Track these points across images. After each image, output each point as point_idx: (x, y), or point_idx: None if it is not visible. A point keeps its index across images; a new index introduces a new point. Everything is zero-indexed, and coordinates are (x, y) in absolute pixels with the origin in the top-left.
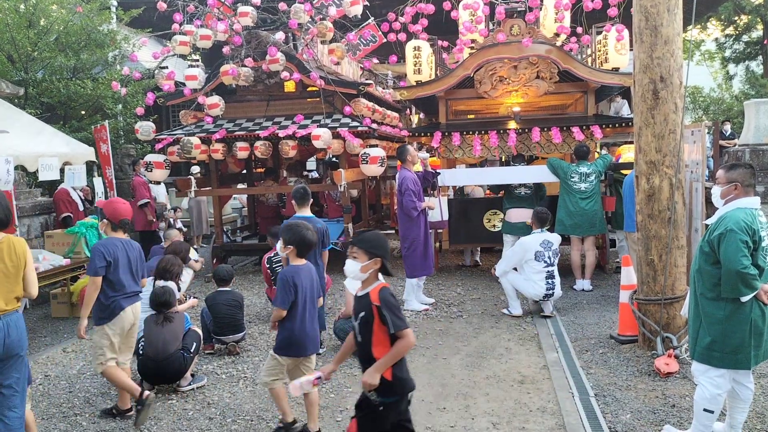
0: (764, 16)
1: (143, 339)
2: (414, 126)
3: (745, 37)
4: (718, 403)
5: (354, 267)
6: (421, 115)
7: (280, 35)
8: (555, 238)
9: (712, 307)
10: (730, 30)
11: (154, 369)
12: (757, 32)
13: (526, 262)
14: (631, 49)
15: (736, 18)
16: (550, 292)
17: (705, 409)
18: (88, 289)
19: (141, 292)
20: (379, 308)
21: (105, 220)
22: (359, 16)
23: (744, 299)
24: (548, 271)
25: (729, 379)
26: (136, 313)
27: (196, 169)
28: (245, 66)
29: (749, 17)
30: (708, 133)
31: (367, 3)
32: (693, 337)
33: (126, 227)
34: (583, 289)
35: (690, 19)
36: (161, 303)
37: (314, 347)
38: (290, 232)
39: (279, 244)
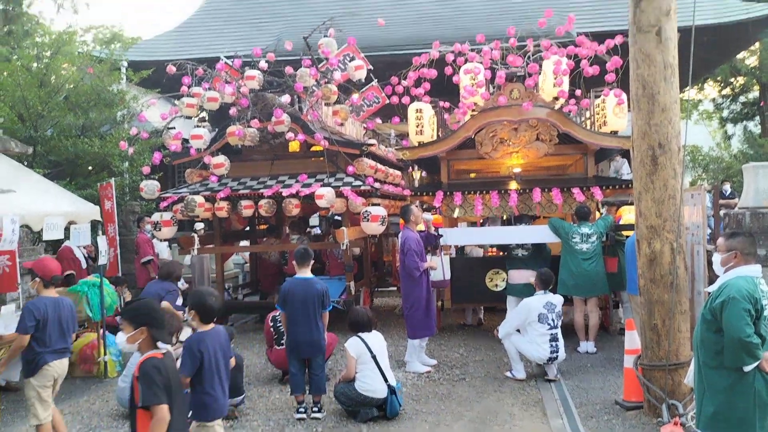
0: (760, 78)
1: None
2: (416, 184)
3: (742, 98)
4: None
5: (121, 338)
6: (424, 174)
7: (285, 98)
8: (558, 300)
9: (715, 376)
10: (727, 91)
11: None
12: (754, 93)
13: (529, 324)
14: (629, 112)
15: (733, 79)
16: (554, 355)
17: None
18: (14, 345)
19: (69, 348)
20: (138, 378)
21: (36, 279)
22: (363, 80)
23: (747, 369)
24: (552, 334)
25: None
26: (63, 368)
27: (200, 225)
28: (251, 127)
29: (745, 79)
30: (708, 192)
31: (371, 67)
32: (698, 406)
33: (57, 283)
34: (587, 352)
35: (687, 81)
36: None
37: (221, 412)
38: (193, 298)
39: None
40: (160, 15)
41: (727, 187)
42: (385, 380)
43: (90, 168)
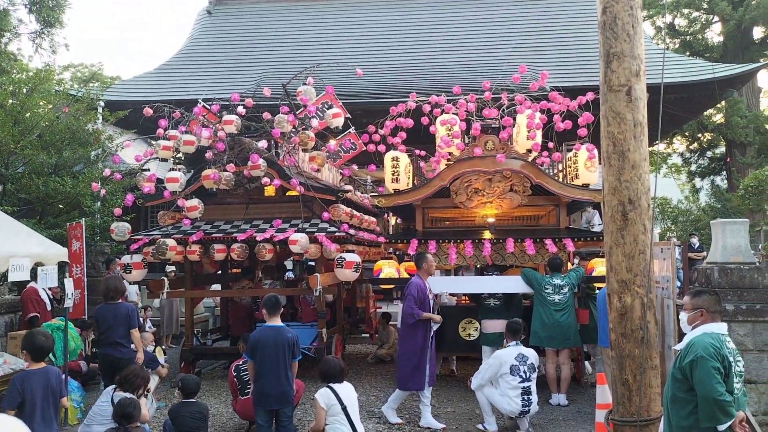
0: (726, 135)
1: None
2: (392, 230)
3: (709, 153)
4: None
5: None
6: (399, 220)
7: (262, 143)
8: (530, 353)
9: None
10: (694, 146)
11: None
12: (721, 149)
13: (501, 377)
14: (600, 165)
15: (700, 135)
16: (526, 408)
17: None
18: None
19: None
20: None
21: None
22: (340, 127)
23: (721, 428)
24: (524, 387)
25: None
26: None
27: (171, 268)
28: (227, 171)
29: (712, 135)
30: (677, 246)
31: (348, 116)
32: None
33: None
34: (559, 404)
35: (656, 136)
36: (124, 415)
37: None
38: (25, 339)
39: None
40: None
41: (695, 241)
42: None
43: (61, 207)
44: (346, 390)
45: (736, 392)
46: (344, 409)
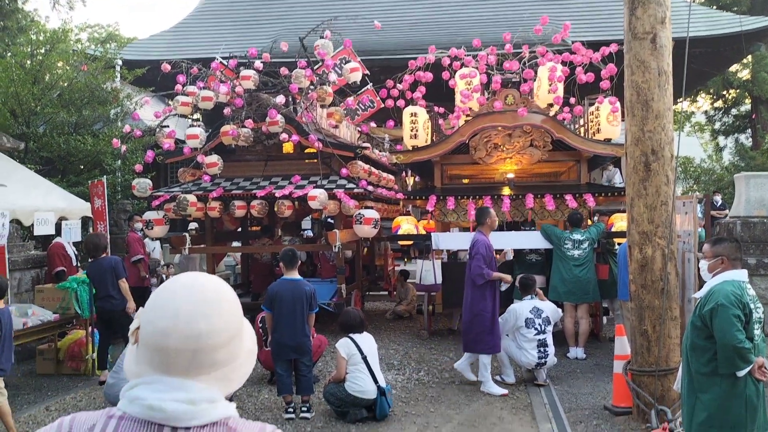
0: (752, 91)
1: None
2: (409, 189)
3: (734, 111)
4: None
5: None
6: (417, 178)
7: (280, 98)
8: (546, 306)
9: (707, 383)
10: (719, 103)
11: None
12: (746, 106)
13: (517, 330)
14: (623, 120)
15: (725, 92)
16: (543, 360)
17: None
18: None
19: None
20: None
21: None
22: (358, 83)
23: (740, 374)
24: (539, 339)
25: None
26: None
27: (193, 225)
28: (245, 127)
29: (737, 92)
30: (699, 203)
31: (367, 72)
32: (688, 413)
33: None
34: (576, 358)
35: (680, 92)
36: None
37: None
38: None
39: None
40: (156, 15)
41: (718, 198)
42: (375, 381)
43: (82, 166)
44: (367, 340)
45: (756, 339)
46: (364, 358)
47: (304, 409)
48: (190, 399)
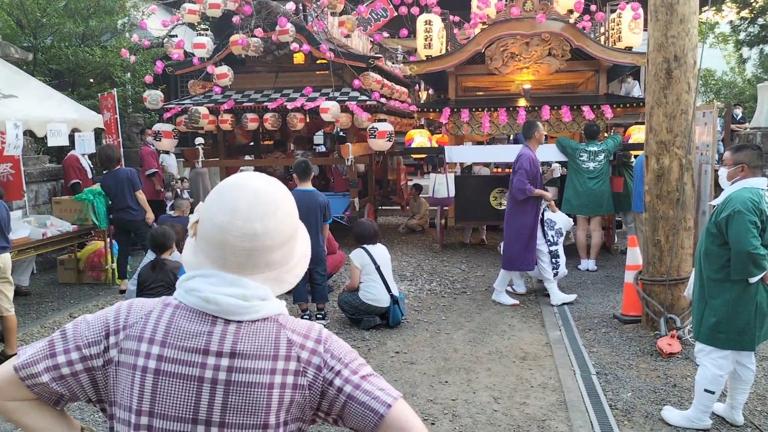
0: None
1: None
2: (422, 102)
3: (760, 20)
4: (720, 383)
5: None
6: (430, 92)
7: (290, 6)
8: (558, 217)
9: (718, 289)
10: (745, 12)
11: None
12: None
13: None
14: (645, 29)
15: (752, 0)
16: (555, 271)
17: (706, 390)
18: None
19: (7, 245)
20: None
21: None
22: None
23: (752, 280)
24: (552, 251)
25: (732, 360)
26: (5, 262)
27: (200, 140)
28: (255, 36)
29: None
30: (720, 116)
31: None
32: (698, 318)
33: None
34: (588, 269)
35: (706, 1)
36: (157, 245)
37: None
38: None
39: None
40: None
41: (738, 112)
42: (389, 290)
43: (91, 79)
44: (380, 251)
45: None
46: (378, 268)
47: (320, 316)
48: (244, 295)
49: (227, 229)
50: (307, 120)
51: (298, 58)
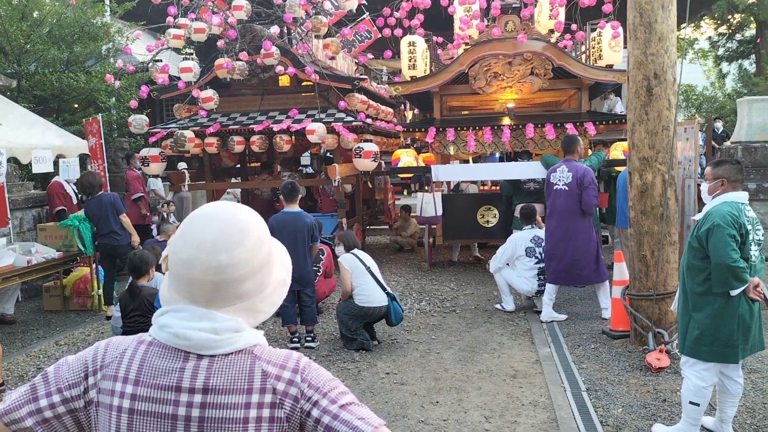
0: (757, 15)
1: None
2: (408, 122)
3: (738, 36)
4: (704, 395)
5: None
6: (416, 111)
7: (274, 29)
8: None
9: (701, 302)
10: (723, 29)
11: None
12: (750, 31)
13: (517, 258)
14: (625, 47)
15: (730, 17)
16: (543, 288)
17: (691, 402)
18: None
19: None
20: None
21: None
22: (354, 11)
23: (734, 293)
24: (540, 268)
25: (715, 372)
26: None
27: (182, 165)
28: (240, 60)
29: (742, 16)
30: (701, 130)
31: (364, 2)
32: (682, 331)
33: None
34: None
35: (684, 17)
36: (134, 269)
37: None
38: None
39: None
40: None
41: (719, 125)
42: (383, 289)
43: (76, 104)
44: (367, 256)
45: (753, 259)
46: (368, 269)
47: (309, 338)
48: (215, 328)
49: (192, 263)
50: (294, 141)
51: (284, 81)
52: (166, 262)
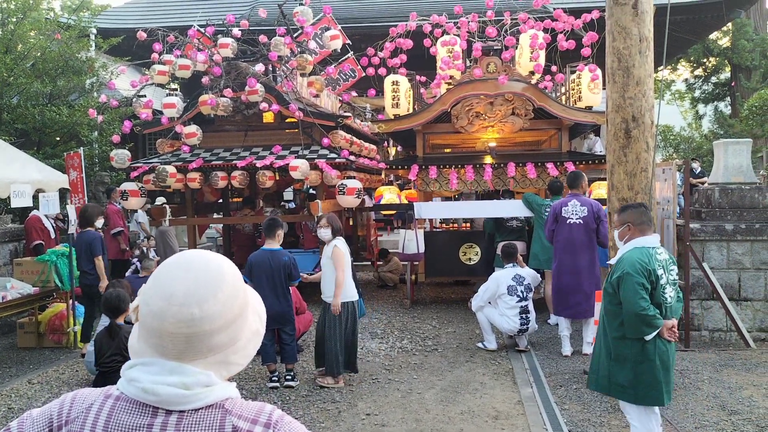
0: (731, 59)
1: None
2: (391, 159)
3: (713, 79)
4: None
5: None
6: (399, 148)
7: (259, 67)
8: (527, 273)
9: (621, 346)
10: (699, 71)
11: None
12: (725, 74)
13: (499, 297)
14: (603, 89)
15: (705, 60)
16: (525, 327)
17: None
18: None
19: None
20: None
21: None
22: (338, 50)
23: (647, 338)
24: (522, 306)
25: (653, 411)
26: None
27: (161, 200)
28: (224, 96)
29: (717, 60)
30: (679, 171)
31: (348, 42)
32: (606, 375)
33: None
34: (557, 324)
35: (661, 60)
36: (111, 309)
37: None
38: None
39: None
40: None
41: (696, 166)
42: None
43: (58, 138)
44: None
45: (668, 301)
46: (351, 262)
47: (288, 377)
48: (184, 383)
49: (163, 315)
50: (277, 177)
51: (268, 117)
52: (136, 313)
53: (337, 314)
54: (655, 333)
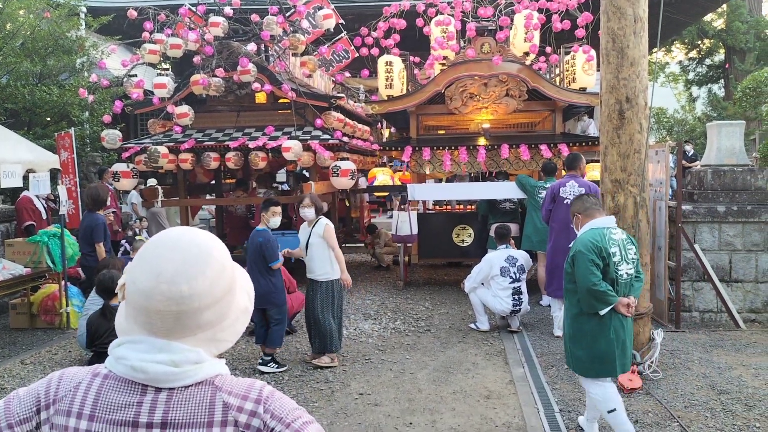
0: (726, 41)
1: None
2: (385, 140)
3: (707, 61)
4: (612, 399)
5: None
6: (392, 130)
7: (251, 46)
8: (520, 254)
9: (578, 322)
10: (693, 53)
11: None
12: (719, 56)
13: (492, 278)
14: (598, 70)
15: (700, 42)
16: (517, 308)
17: (608, 411)
18: None
19: None
20: None
21: None
22: (332, 30)
23: (602, 313)
24: (514, 287)
25: (609, 382)
26: None
27: (152, 182)
28: (216, 76)
29: (712, 42)
30: (672, 153)
31: (342, 22)
32: (569, 349)
33: None
34: (549, 305)
35: (655, 42)
36: (104, 290)
37: None
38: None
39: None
40: None
41: (689, 148)
42: None
43: (48, 118)
44: None
45: (624, 278)
46: None
47: (260, 362)
48: (173, 361)
49: (151, 294)
50: (270, 158)
51: (260, 98)
52: (123, 291)
53: (347, 288)
54: (608, 308)
